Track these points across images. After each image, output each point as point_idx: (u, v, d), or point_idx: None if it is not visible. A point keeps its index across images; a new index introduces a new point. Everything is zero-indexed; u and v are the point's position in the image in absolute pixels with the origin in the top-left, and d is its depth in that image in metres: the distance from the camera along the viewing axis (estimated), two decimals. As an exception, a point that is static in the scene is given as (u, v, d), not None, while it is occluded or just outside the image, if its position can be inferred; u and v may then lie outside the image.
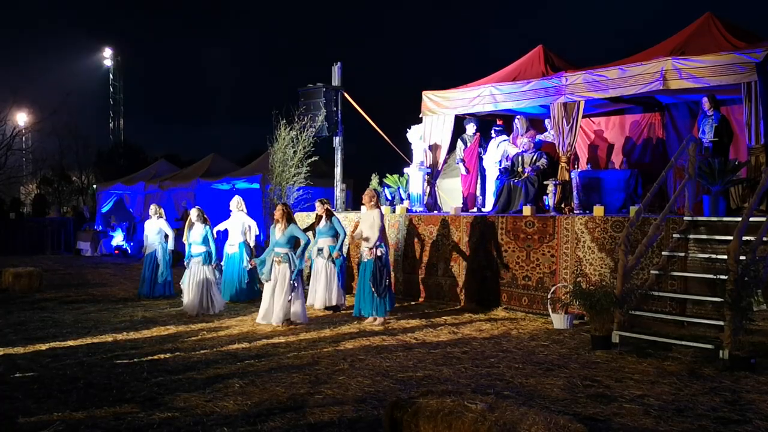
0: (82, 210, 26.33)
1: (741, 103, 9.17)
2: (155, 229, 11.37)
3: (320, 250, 10.10)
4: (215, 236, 10.19)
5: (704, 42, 9.65)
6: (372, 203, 9.12)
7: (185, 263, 9.92)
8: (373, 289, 8.79)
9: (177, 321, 9.18)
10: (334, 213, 10.56)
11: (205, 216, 10.07)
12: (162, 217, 11.50)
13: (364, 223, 9.06)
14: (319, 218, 10.28)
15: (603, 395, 5.67)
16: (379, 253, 8.91)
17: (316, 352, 7.27)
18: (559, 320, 8.67)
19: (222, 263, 11.12)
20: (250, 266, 10.55)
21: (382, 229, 9.07)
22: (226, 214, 11.72)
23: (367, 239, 8.94)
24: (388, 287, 8.99)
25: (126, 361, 6.85)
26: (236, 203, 11.31)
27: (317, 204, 10.43)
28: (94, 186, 30.00)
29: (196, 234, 9.86)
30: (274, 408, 5.31)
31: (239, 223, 11.15)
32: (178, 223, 18.71)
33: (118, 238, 21.63)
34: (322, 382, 6.04)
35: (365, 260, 8.99)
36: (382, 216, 9.09)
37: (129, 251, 21.17)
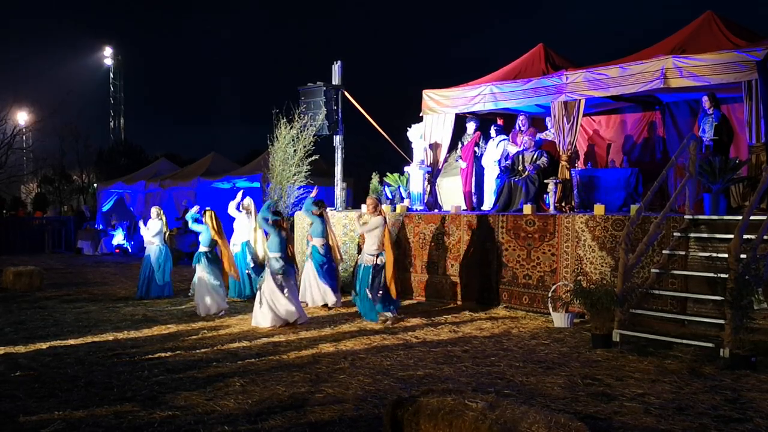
0: (83, 209, 26.35)
1: (741, 102, 9.17)
2: (154, 230, 11.39)
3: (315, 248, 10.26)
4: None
5: (705, 40, 9.65)
6: (376, 212, 9.15)
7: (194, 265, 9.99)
8: (370, 296, 8.86)
9: (178, 320, 9.18)
10: (324, 214, 10.58)
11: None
12: (162, 220, 11.52)
13: (369, 229, 9.07)
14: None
15: (603, 394, 5.67)
16: (379, 262, 8.98)
17: (317, 350, 7.27)
18: (559, 319, 8.67)
19: None
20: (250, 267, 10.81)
21: (382, 237, 9.07)
22: (226, 213, 11.75)
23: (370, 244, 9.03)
24: (385, 294, 8.99)
25: (127, 360, 6.85)
26: (248, 204, 11.43)
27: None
28: (95, 185, 30.01)
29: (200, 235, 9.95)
30: (274, 407, 5.31)
31: (245, 224, 11.24)
32: (179, 222, 18.74)
33: (118, 237, 21.65)
34: (323, 381, 6.04)
35: (367, 265, 9.02)
36: (384, 224, 9.10)
37: (129, 250, 21.19)
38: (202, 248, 9.80)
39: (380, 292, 8.90)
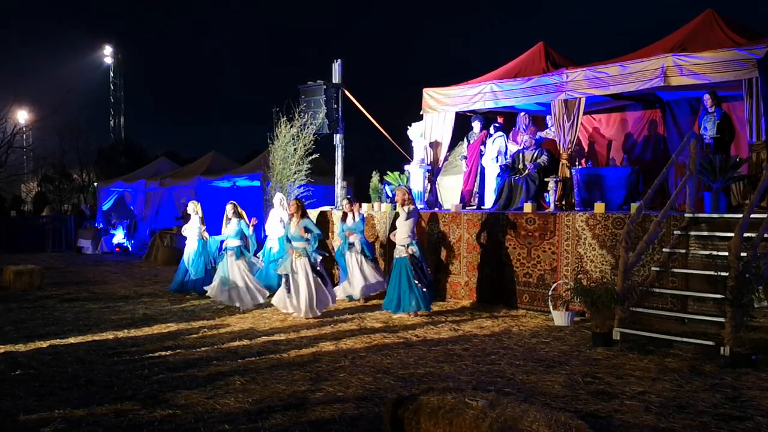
0: (83, 208, 26.32)
1: (742, 100, 9.16)
2: (193, 229, 11.42)
3: (351, 244, 10.58)
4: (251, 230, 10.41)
5: (705, 38, 9.63)
6: (406, 201, 9.29)
7: (217, 256, 10.19)
8: (418, 284, 9.04)
9: (178, 318, 9.19)
10: (353, 211, 10.83)
11: (241, 211, 10.33)
12: (198, 214, 11.49)
13: (398, 221, 9.33)
14: (345, 215, 10.82)
15: (604, 392, 5.67)
16: (411, 251, 9.17)
17: (317, 349, 7.27)
18: (559, 317, 8.67)
19: (260, 255, 11.33)
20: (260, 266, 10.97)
21: (413, 227, 9.27)
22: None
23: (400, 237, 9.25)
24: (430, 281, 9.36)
25: (127, 359, 6.85)
26: (279, 200, 11.65)
27: (345, 202, 11.07)
28: (95, 184, 30.00)
29: (230, 229, 10.14)
30: (275, 405, 5.31)
31: (278, 219, 11.43)
32: (179, 221, 18.75)
33: (119, 236, 21.64)
34: (323, 380, 6.04)
35: (399, 256, 9.22)
36: (414, 213, 9.27)
37: (130, 249, 21.18)
38: (237, 242, 9.96)
39: (429, 279, 9.23)
